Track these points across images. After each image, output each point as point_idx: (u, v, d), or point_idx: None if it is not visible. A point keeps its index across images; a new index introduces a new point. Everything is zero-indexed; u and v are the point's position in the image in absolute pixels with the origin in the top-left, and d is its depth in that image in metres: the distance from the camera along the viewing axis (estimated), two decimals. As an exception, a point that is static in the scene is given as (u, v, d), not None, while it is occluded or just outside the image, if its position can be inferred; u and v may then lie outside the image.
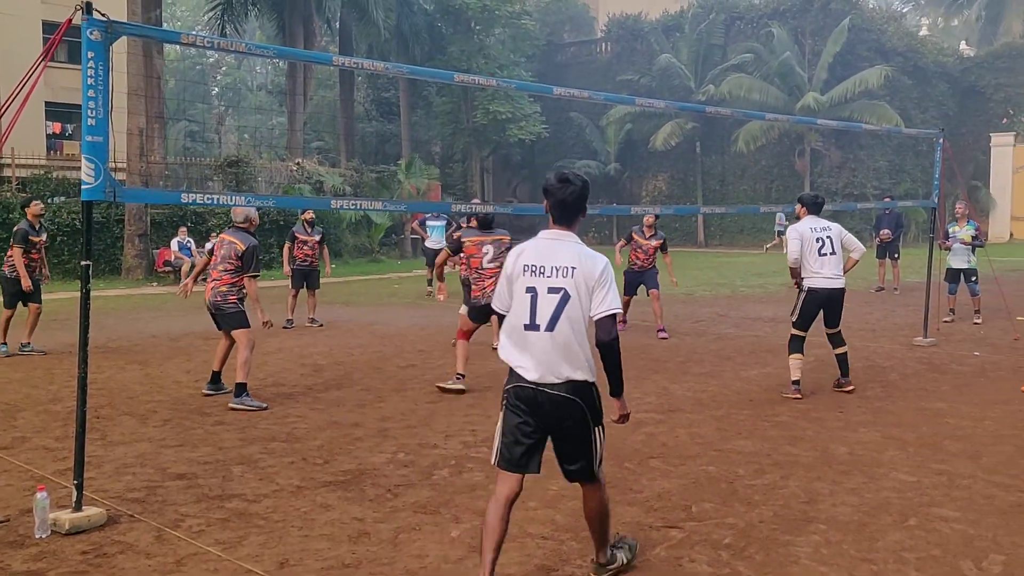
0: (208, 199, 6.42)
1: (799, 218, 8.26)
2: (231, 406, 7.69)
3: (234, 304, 7.91)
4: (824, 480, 5.54)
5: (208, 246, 21.57)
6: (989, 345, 11.02)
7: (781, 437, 6.59)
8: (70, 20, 4.70)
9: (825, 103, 31.58)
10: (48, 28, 29.15)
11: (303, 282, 13.19)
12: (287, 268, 13.47)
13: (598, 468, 3.95)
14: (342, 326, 13.12)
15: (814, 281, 7.99)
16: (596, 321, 3.84)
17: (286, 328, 12.70)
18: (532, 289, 3.84)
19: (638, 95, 27.04)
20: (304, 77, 32.17)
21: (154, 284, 20.52)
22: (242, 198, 6.13)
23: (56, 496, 5.04)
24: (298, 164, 28.68)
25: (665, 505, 5.08)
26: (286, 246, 13.56)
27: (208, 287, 8.01)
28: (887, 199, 20.22)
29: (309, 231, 13.27)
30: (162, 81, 24.43)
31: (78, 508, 4.75)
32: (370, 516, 4.92)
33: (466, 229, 8.73)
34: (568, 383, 3.78)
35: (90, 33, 4.56)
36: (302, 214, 13.65)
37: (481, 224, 8.64)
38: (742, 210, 22.20)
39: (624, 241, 12.15)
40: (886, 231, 17.12)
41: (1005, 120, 37.54)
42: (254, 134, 45.77)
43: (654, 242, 11.92)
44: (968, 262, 12.81)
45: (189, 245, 21.14)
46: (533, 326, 3.82)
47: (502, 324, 4.06)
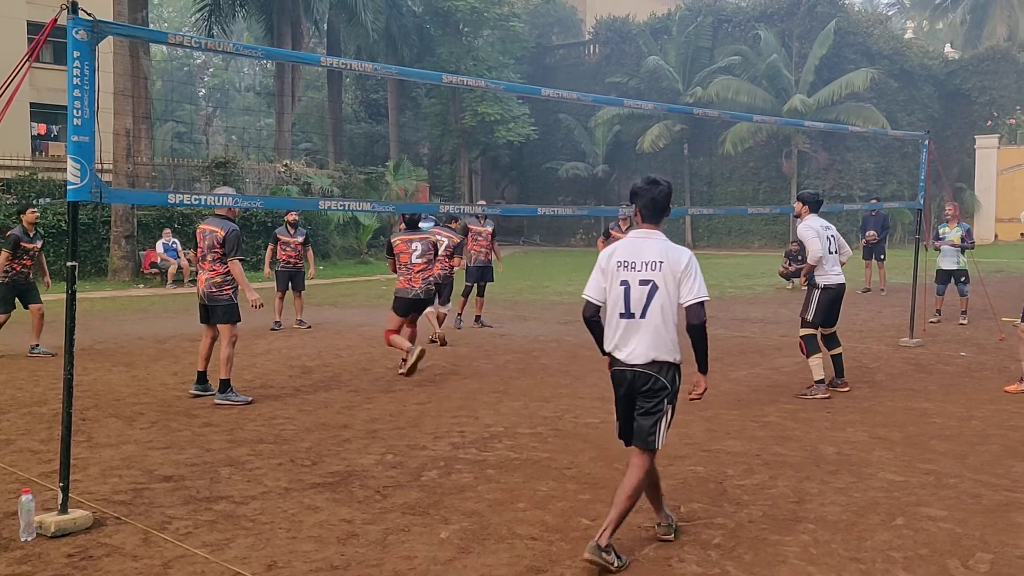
0: (195, 200, 6.40)
1: (799, 216, 8.30)
2: (216, 402, 7.81)
3: (228, 296, 7.89)
4: (813, 480, 5.56)
5: (161, 243, 21.56)
6: (975, 345, 11.08)
7: (770, 437, 6.61)
8: (55, 20, 4.68)
9: (812, 105, 31.66)
10: (33, 28, 29.02)
11: (288, 284, 13.15)
12: (268, 270, 13.42)
13: (659, 440, 4.41)
14: (330, 328, 13.09)
15: (828, 278, 8.15)
16: (686, 308, 4.30)
17: (274, 330, 12.67)
18: (625, 282, 4.33)
19: (626, 97, 27.07)
20: (292, 78, 32.12)
21: (140, 286, 20.40)
22: (229, 198, 6.10)
23: (41, 499, 5.00)
24: (286, 165, 28.61)
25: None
26: (269, 248, 13.49)
27: (200, 279, 8.02)
28: (873, 201, 20.31)
29: (292, 232, 13.22)
30: (149, 82, 24.29)
31: (64, 511, 4.72)
32: (359, 518, 4.90)
33: (399, 231, 9.50)
34: (653, 363, 4.30)
35: (76, 32, 4.53)
36: (286, 215, 13.63)
37: (408, 224, 9.49)
38: (729, 211, 22.37)
39: (603, 239, 12.35)
40: (872, 232, 17.20)
41: (989, 123, 37.68)
42: (242, 135, 45.70)
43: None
44: (957, 263, 12.90)
45: (175, 246, 21.05)
46: (628, 314, 4.32)
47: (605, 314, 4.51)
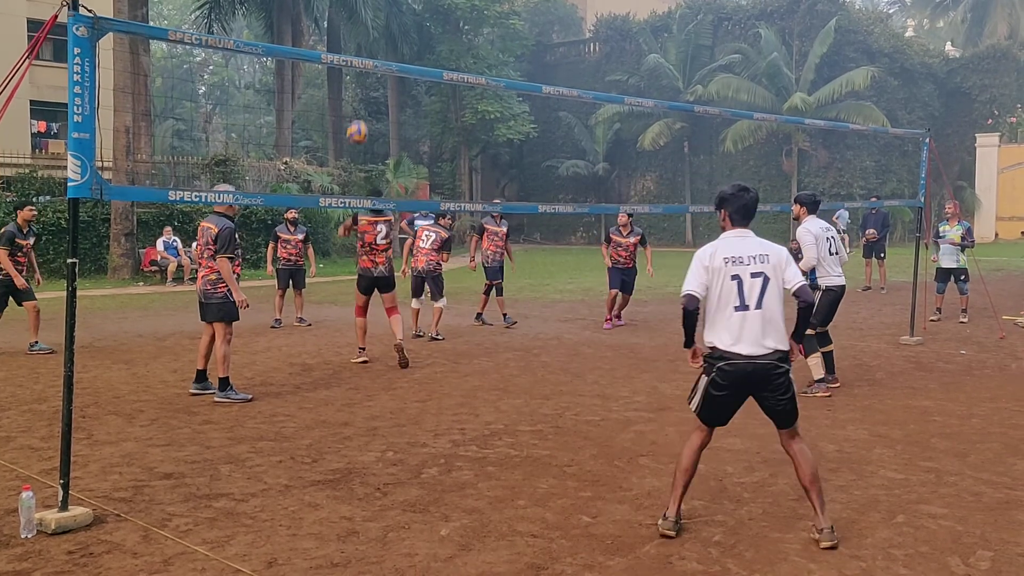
0: (195, 197, 6.41)
1: (797, 219, 8.27)
2: (216, 400, 7.82)
3: (223, 294, 7.87)
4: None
5: (163, 240, 21.57)
6: (975, 343, 11.07)
7: (770, 435, 6.54)
8: (55, 16, 4.67)
9: (812, 103, 31.63)
10: (33, 26, 29.02)
11: (288, 281, 13.15)
12: (270, 268, 13.45)
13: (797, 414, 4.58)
14: (331, 325, 13.08)
15: (829, 280, 8.16)
16: (797, 290, 4.51)
17: (274, 328, 12.67)
18: (736, 276, 4.46)
19: (627, 95, 27.05)
20: (292, 76, 32.11)
21: (140, 284, 20.39)
22: (229, 196, 6.10)
23: (42, 496, 5.00)
24: (286, 163, 28.60)
25: (655, 503, 5.07)
26: (270, 246, 13.52)
27: (199, 276, 8.04)
28: (873, 199, 20.31)
29: (292, 230, 13.23)
30: (149, 79, 24.30)
31: (64, 508, 4.72)
32: (359, 515, 4.90)
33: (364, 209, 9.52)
34: (774, 352, 4.42)
35: (76, 29, 4.53)
36: (285, 213, 13.63)
37: (373, 209, 9.53)
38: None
39: (606, 243, 12.62)
40: (871, 230, 17.19)
41: (990, 121, 37.65)
42: (242, 133, 45.65)
43: (632, 239, 12.38)
44: (957, 262, 12.90)
45: (175, 244, 21.03)
46: (743, 307, 4.42)
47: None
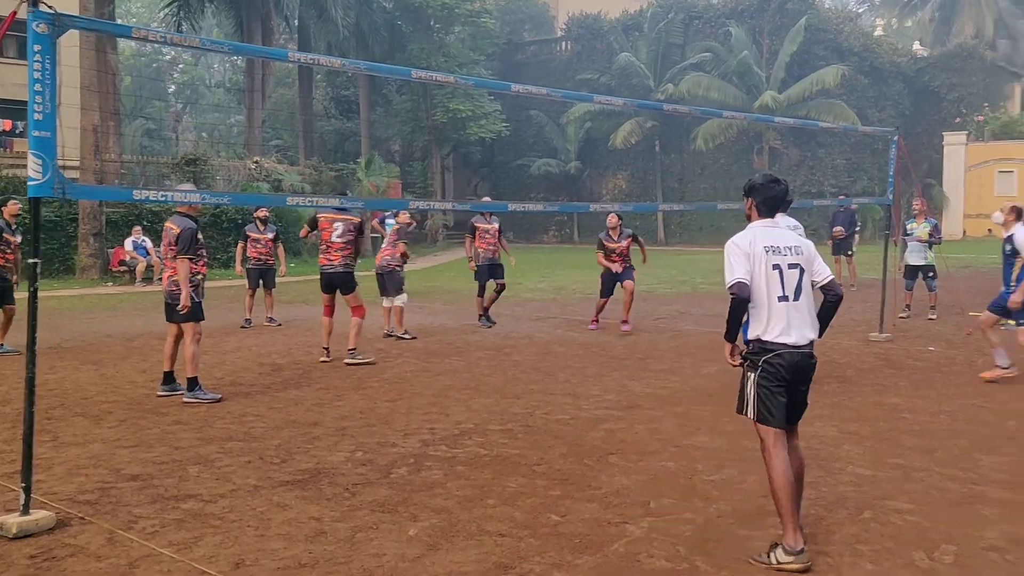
0: (162, 196, 6.33)
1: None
2: (185, 400, 7.76)
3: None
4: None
5: (130, 241, 21.36)
6: (944, 340, 11.19)
7: (739, 432, 6.61)
8: (15, 12, 4.60)
9: (783, 102, 31.86)
10: (-3, 23, 28.59)
11: (259, 281, 13.03)
12: (239, 267, 13.31)
13: None
14: (301, 325, 13.00)
15: None
16: (826, 284, 4.51)
17: (244, 327, 12.58)
18: (777, 266, 4.36)
19: (598, 94, 27.07)
20: (263, 75, 31.92)
21: (109, 284, 20.17)
22: (196, 194, 6.03)
23: (3, 500, 4.94)
24: (256, 162, 28.41)
25: (624, 501, 5.08)
26: (239, 245, 13.34)
27: (164, 276, 7.98)
28: (842, 197, 20.48)
29: (262, 229, 13.12)
30: (117, 78, 24.00)
31: (26, 511, 4.64)
32: (327, 515, 4.87)
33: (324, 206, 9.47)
34: (810, 343, 4.40)
35: (36, 26, 4.45)
36: (256, 212, 13.51)
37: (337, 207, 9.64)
38: (700, 207, 22.49)
39: (600, 252, 12.07)
40: (839, 228, 17.34)
41: (958, 119, 38.12)
42: (212, 132, 45.33)
43: (624, 242, 11.96)
44: (925, 259, 13.05)
45: (144, 244, 20.81)
46: (784, 297, 4.35)
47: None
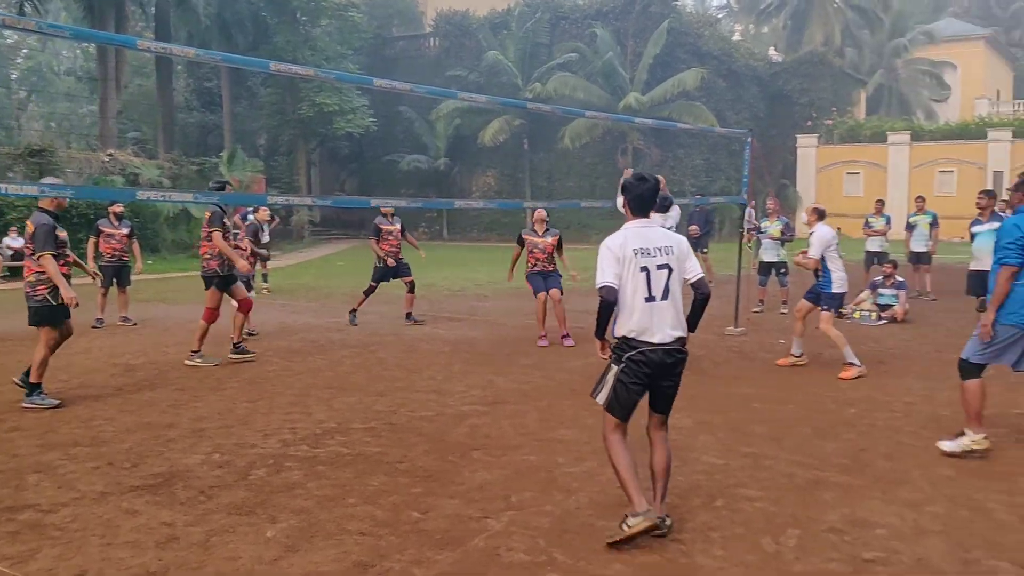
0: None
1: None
2: (23, 406, 7.38)
3: (41, 297, 7.39)
4: (639, 465, 5.69)
5: (7, 240, 20.24)
6: (793, 333, 11.69)
7: (600, 426, 6.74)
8: None
9: (646, 103, 32.68)
10: None
11: (113, 279, 12.43)
12: (91, 264, 12.59)
13: None
14: (158, 324, 12.53)
15: None
16: (695, 282, 4.66)
17: (96, 327, 12.02)
18: (645, 268, 4.50)
19: (467, 91, 27.14)
20: (116, 63, 30.46)
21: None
22: (34, 187, 5.73)
23: None
24: (110, 155, 27.17)
25: (485, 496, 5.11)
26: (91, 240, 12.58)
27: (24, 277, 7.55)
28: (697, 196, 21.19)
29: (116, 224, 12.51)
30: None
31: None
32: (180, 520, 4.71)
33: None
34: (678, 340, 4.55)
35: None
36: (110, 207, 12.85)
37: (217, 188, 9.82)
38: (563, 205, 22.96)
39: (518, 248, 11.18)
40: (694, 227, 17.94)
41: (809, 123, 40.07)
42: (61, 122, 43.07)
43: (550, 238, 10.97)
44: (778, 256, 13.65)
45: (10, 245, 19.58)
46: (651, 298, 4.49)
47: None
